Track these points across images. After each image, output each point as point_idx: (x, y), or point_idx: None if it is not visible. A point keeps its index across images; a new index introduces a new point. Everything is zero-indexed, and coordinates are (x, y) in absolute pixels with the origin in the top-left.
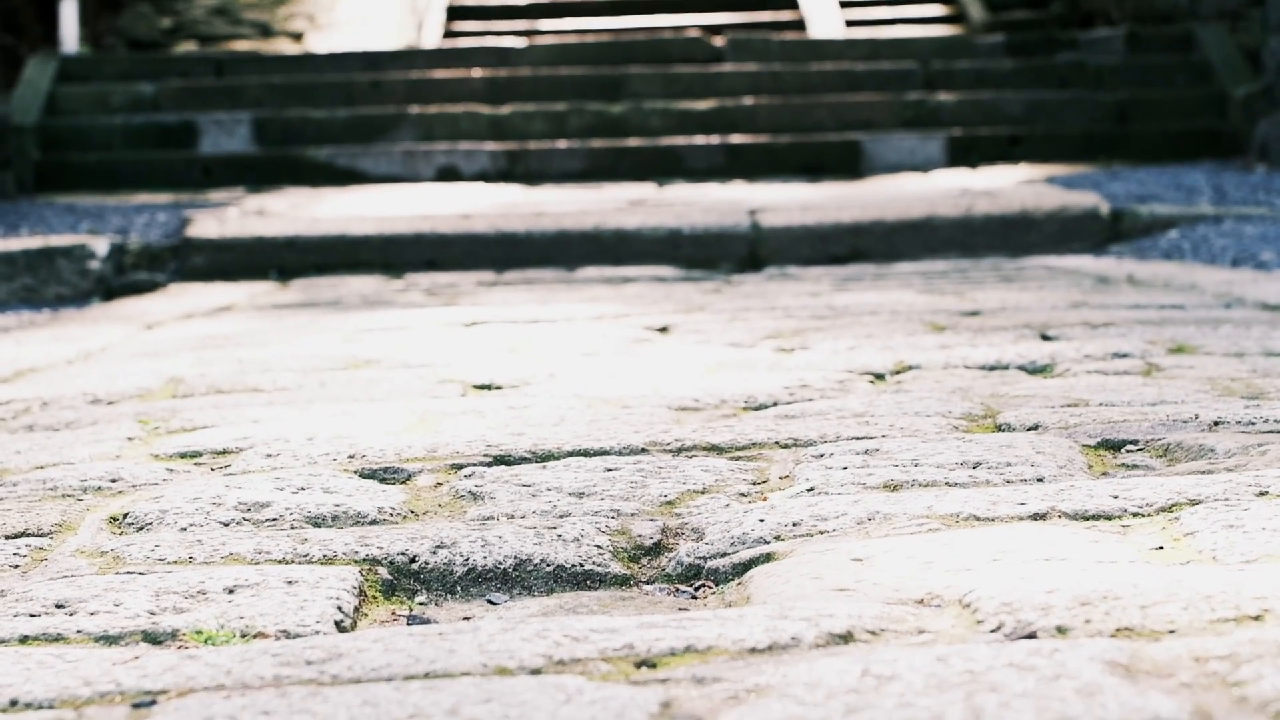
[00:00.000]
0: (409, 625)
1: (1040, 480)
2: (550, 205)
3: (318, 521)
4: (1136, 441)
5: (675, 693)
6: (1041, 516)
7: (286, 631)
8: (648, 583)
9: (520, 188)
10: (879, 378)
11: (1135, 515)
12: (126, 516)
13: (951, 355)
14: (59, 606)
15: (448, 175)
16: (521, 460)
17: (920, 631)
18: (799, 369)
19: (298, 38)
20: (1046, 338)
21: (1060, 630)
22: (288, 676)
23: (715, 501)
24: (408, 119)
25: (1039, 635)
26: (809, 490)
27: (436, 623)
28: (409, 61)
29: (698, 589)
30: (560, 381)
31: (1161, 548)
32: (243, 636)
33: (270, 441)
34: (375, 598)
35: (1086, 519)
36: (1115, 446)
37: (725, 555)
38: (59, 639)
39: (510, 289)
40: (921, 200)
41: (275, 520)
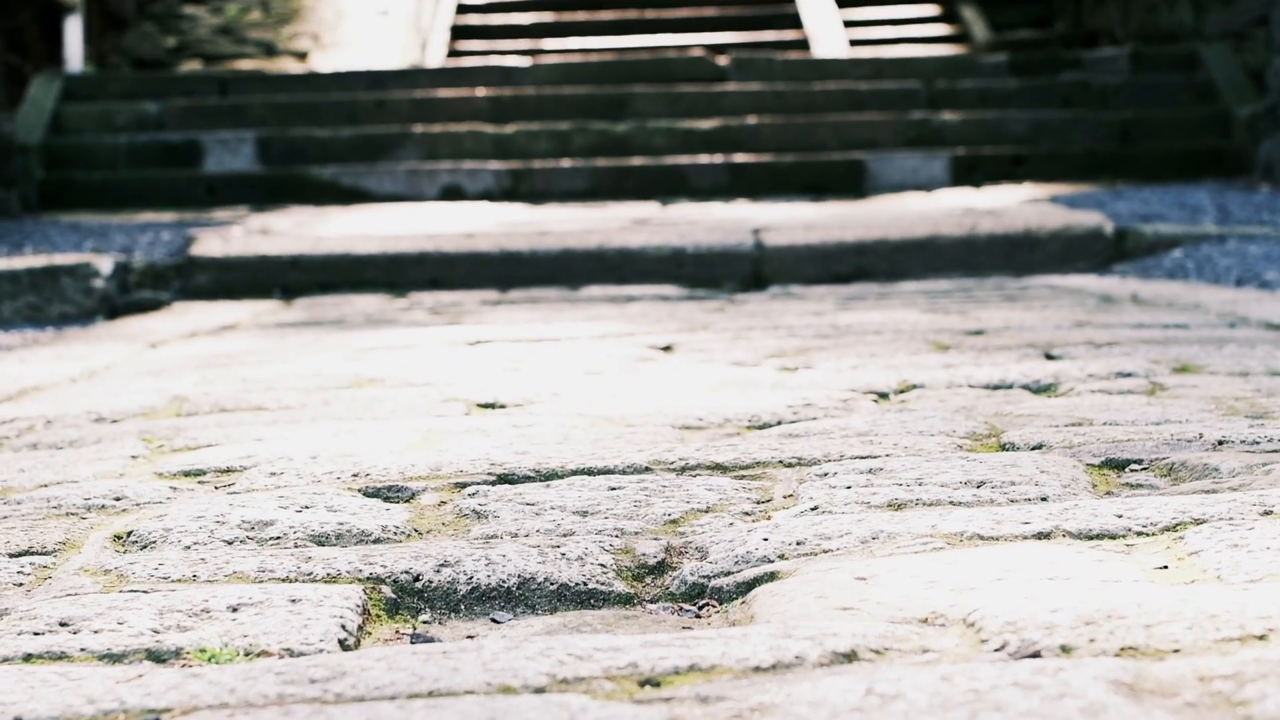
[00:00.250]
0: (413, 644)
1: (1044, 499)
2: (554, 224)
3: (321, 540)
4: (1141, 461)
5: (679, 711)
6: (1046, 536)
7: (290, 650)
8: (651, 601)
9: (524, 207)
10: (883, 397)
11: (1139, 534)
12: (130, 535)
13: (955, 374)
14: (63, 625)
15: (452, 194)
16: (525, 479)
17: (924, 650)
18: (803, 388)
19: (302, 57)
20: (1050, 357)
21: (1064, 649)
22: (291, 695)
23: (719, 520)
24: (412, 138)
25: (1043, 654)
26: (813, 509)
27: (440, 641)
28: (413, 80)
29: (701, 608)
30: (564, 400)
31: (1166, 567)
32: (246, 655)
33: (274, 460)
34: (379, 616)
35: (1091, 538)
36: (1119, 466)
37: (729, 574)
38: (63, 657)
39: (514, 308)
40: (925, 219)
41: (279, 539)
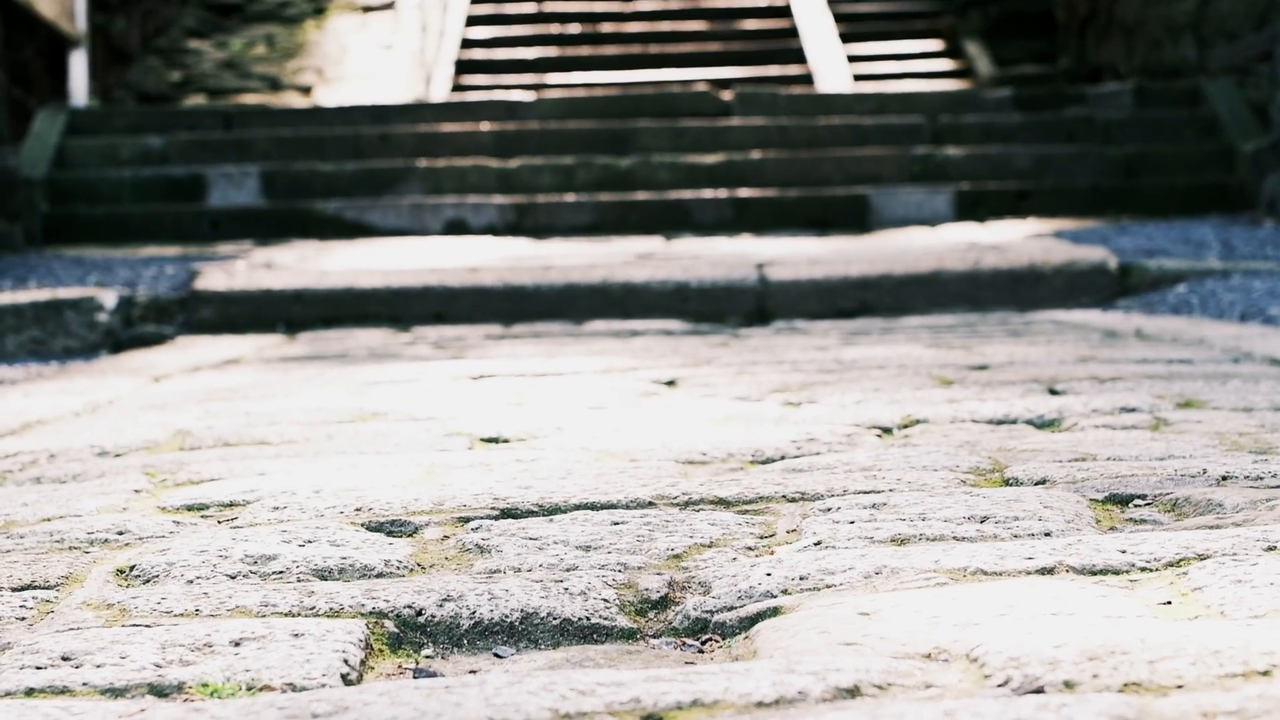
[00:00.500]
0: (415, 678)
1: (1048, 535)
2: (558, 258)
3: (324, 574)
4: (1144, 496)
5: None
6: (1049, 571)
7: (292, 684)
8: (654, 636)
9: (528, 241)
10: (886, 432)
11: (1143, 570)
12: (133, 569)
13: (959, 409)
14: (65, 659)
15: (456, 228)
16: (528, 513)
17: (927, 686)
18: (806, 423)
19: (306, 91)
20: (1054, 392)
21: (1068, 685)
22: None
23: (722, 555)
24: (416, 172)
25: (1046, 690)
26: (816, 544)
27: (443, 675)
28: (417, 115)
29: (704, 643)
30: (567, 435)
31: (1169, 602)
32: (249, 689)
33: (277, 494)
34: (381, 650)
35: (1094, 573)
36: (1123, 501)
37: (732, 609)
38: (65, 691)
39: (518, 342)
40: (929, 254)
41: (282, 573)
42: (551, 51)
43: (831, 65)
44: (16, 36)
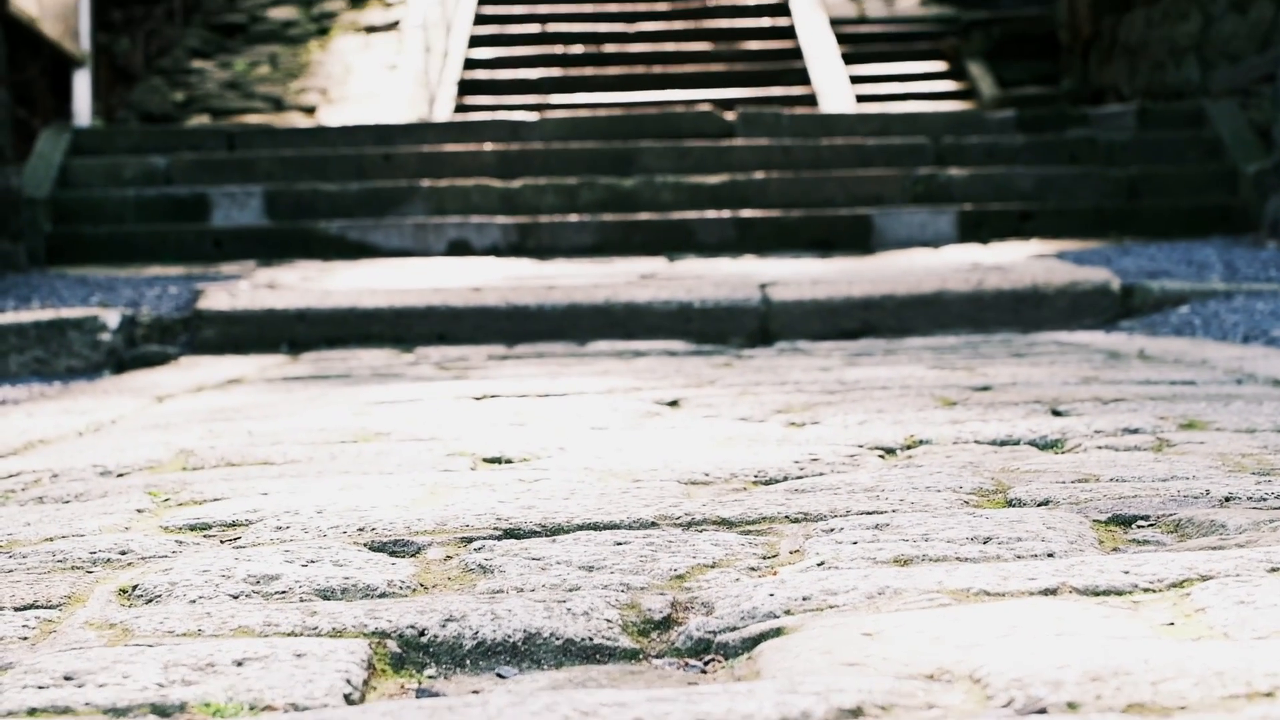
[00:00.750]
0: (418, 698)
1: (1051, 555)
2: (561, 279)
3: (327, 594)
4: (1147, 517)
5: None
6: (1052, 592)
7: (295, 704)
8: (657, 656)
9: (531, 261)
10: (889, 452)
11: (1146, 591)
12: (136, 588)
13: (962, 430)
14: (67, 678)
15: (459, 249)
16: (531, 533)
17: (930, 706)
18: (809, 443)
19: (310, 111)
20: (1057, 413)
21: (1071, 706)
22: None
23: (725, 576)
24: (419, 192)
25: (1049, 710)
26: (819, 565)
27: (445, 696)
28: (420, 135)
29: (707, 663)
30: (570, 455)
31: (1172, 623)
32: (251, 709)
33: (280, 514)
34: (384, 671)
35: (1097, 594)
36: (1126, 522)
37: (735, 629)
38: (67, 711)
39: (521, 362)
40: (932, 275)
41: (284, 593)
42: (555, 72)
43: (835, 86)
44: (20, 56)
